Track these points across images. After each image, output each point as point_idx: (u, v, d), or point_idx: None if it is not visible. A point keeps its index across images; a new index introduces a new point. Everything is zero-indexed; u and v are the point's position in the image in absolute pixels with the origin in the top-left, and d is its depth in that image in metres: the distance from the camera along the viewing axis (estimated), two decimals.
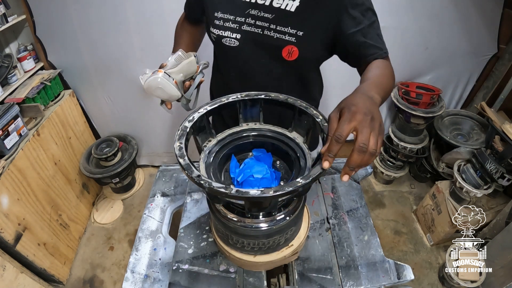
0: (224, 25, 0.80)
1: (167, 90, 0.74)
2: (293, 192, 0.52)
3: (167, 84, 0.74)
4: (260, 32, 0.78)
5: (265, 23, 0.77)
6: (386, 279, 0.84)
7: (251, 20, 0.78)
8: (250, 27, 0.79)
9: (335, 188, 1.09)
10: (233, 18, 0.79)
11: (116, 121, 2.09)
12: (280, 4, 0.76)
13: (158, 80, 0.73)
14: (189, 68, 0.80)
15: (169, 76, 0.74)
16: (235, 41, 0.81)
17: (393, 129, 1.99)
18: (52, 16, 1.61)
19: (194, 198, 1.05)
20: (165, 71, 0.75)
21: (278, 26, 0.77)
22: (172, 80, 0.75)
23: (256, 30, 0.79)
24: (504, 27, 1.73)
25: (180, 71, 0.78)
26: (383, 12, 1.63)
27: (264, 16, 0.77)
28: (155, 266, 0.91)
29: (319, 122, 0.67)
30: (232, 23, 0.79)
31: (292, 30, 0.76)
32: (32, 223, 1.51)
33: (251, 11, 0.77)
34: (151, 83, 0.74)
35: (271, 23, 0.77)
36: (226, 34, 0.81)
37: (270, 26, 0.77)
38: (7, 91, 1.56)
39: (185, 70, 0.79)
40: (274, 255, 0.76)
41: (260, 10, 0.77)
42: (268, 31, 0.78)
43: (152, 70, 0.78)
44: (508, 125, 1.45)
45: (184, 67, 0.78)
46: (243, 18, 0.78)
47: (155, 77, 0.73)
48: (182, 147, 0.62)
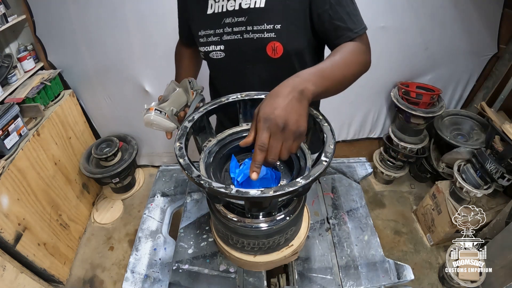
0: (208, 41, 0.82)
1: (161, 124, 0.78)
2: (293, 192, 0.52)
3: (160, 120, 0.77)
4: (240, 38, 0.78)
5: (241, 27, 0.77)
6: (386, 279, 0.84)
7: (228, 28, 0.79)
8: (229, 35, 0.79)
9: (335, 188, 1.09)
10: (213, 31, 0.81)
11: (116, 121, 2.09)
12: (248, 4, 0.75)
13: (151, 118, 0.77)
14: (179, 99, 0.82)
15: (160, 112, 0.77)
16: (220, 53, 0.82)
17: (393, 129, 1.99)
18: (52, 16, 1.62)
19: (194, 198, 1.05)
20: (156, 107, 0.78)
21: (254, 26, 0.76)
22: (164, 114, 0.78)
23: (236, 37, 0.79)
24: (504, 27, 1.73)
25: (171, 104, 0.80)
26: (383, 12, 1.65)
27: (238, 20, 0.77)
28: (155, 266, 0.91)
29: (319, 122, 0.66)
30: (213, 37, 0.81)
31: (268, 25, 0.75)
32: (32, 223, 1.51)
33: (225, 20, 0.78)
34: (146, 120, 0.78)
35: (247, 25, 0.77)
36: (211, 49, 0.83)
37: (247, 29, 0.77)
38: (7, 91, 1.56)
39: (176, 101, 0.81)
40: (274, 255, 0.76)
41: (233, 16, 0.77)
42: (246, 34, 0.78)
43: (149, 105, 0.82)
44: (508, 125, 1.46)
45: (173, 99, 0.81)
46: (221, 29, 0.79)
47: (148, 115, 0.77)
48: (182, 147, 0.62)
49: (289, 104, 0.52)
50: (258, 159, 0.52)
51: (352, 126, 2.13)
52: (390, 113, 2.11)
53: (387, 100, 2.02)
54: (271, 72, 0.83)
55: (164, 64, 1.74)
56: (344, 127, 2.13)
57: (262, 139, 0.51)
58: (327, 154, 0.58)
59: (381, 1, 1.57)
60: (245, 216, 0.68)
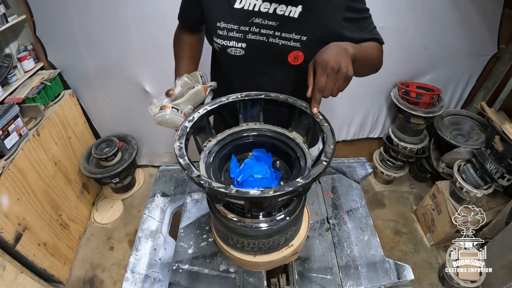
0: (228, 35, 0.79)
1: (177, 123, 0.74)
2: (293, 192, 0.52)
3: (176, 119, 0.74)
4: (265, 40, 0.78)
5: (270, 30, 0.77)
6: (386, 279, 0.84)
7: (256, 28, 0.78)
8: (255, 35, 0.78)
9: (335, 188, 1.09)
10: (237, 27, 0.78)
11: (116, 121, 2.09)
12: (283, 11, 0.76)
13: (167, 117, 0.73)
14: (196, 97, 0.79)
15: (177, 111, 0.74)
16: (240, 50, 0.81)
17: (393, 129, 1.99)
18: (52, 16, 1.61)
19: (194, 198, 1.05)
20: (172, 104, 0.74)
21: (283, 33, 0.77)
22: (181, 113, 0.75)
23: (261, 38, 0.78)
24: (504, 27, 1.73)
25: (188, 101, 0.77)
26: (383, 12, 1.64)
27: (269, 24, 0.77)
28: (155, 266, 0.91)
29: (319, 122, 0.67)
30: (236, 33, 0.79)
31: (296, 35, 0.76)
32: (32, 223, 1.51)
33: (255, 19, 0.77)
34: (160, 119, 0.74)
35: (275, 31, 0.77)
36: (231, 44, 0.80)
37: (275, 34, 0.77)
38: (7, 91, 1.56)
39: (193, 99, 0.78)
40: (274, 255, 0.76)
41: (264, 18, 0.77)
42: (273, 38, 0.78)
43: (159, 99, 0.77)
44: (508, 125, 1.45)
45: (191, 96, 0.78)
46: (247, 27, 0.78)
47: (164, 114, 0.73)
48: (182, 147, 0.62)
49: (339, 54, 0.64)
50: (317, 98, 0.66)
51: (352, 126, 2.13)
52: (390, 113, 2.11)
53: (387, 100, 2.02)
54: (286, 76, 0.86)
55: (164, 64, 1.74)
56: (344, 127, 2.13)
57: (320, 82, 0.64)
58: (327, 154, 0.58)
59: (381, 1, 1.57)
60: (245, 216, 0.68)
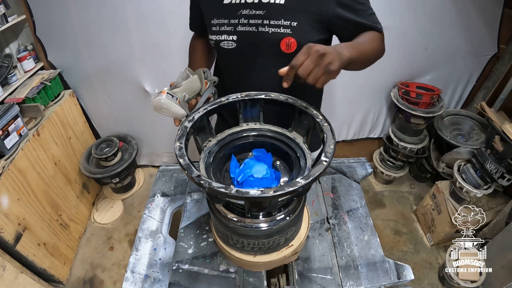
0: (220, 30, 0.83)
1: (171, 109, 0.77)
2: (293, 192, 0.52)
3: (171, 104, 0.76)
4: (255, 30, 0.79)
5: (258, 20, 0.78)
6: (386, 279, 0.84)
7: (244, 20, 0.79)
8: (244, 27, 0.80)
9: (335, 188, 1.09)
10: (227, 21, 0.81)
11: (116, 121, 2.09)
12: None
13: (161, 101, 0.75)
14: (192, 86, 0.81)
15: (172, 96, 0.76)
16: (232, 43, 0.83)
17: (393, 129, 1.99)
18: (52, 16, 1.61)
19: (194, 198, 1.05)
20: (168, 91, 0.77)
21: (271, 20, 0.77)
22: (176, 99, 0.77)
23: (251, 29, 0.80)
24: (504, 27, 1.73)
25: (184, 90, 0.79)
26: (383, 12, 1.63)
27: (256, 13, 0.78)
28: (155, 266, 0.91)
29: (319, 122, 0.67)
30: (227, 26, 0.81)
31: (285, 22, 0.77)
32: (32, 223, 1.51)
33: (242, 11, 0.79)
34: (156, 103, 0.77)
35: (264, 19, 0.78)
36: (223, 38, 0.83)
37: (264, 22, 0.78)
38: (7, 91, 1.56)
39: (189, 88, 0.80)
40: (274, 255, 0.76)
41: (251, 9, 0.78)
42: (262, 27, 0.79)
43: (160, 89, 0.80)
44: (508, 125, 1.45)
45: (187, 85, 0.80)
46: (236, 19, 0.80)
47: (159, 98, 0.76)
48: (182, 147, 0.62)
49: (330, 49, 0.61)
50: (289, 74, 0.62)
51: (352, 126, 2.13)
52: (390, 113, 2.11)
53: (387, 100, 2.02)
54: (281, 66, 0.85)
55: (164, 64, 1.74)
56: (344, 127, 2.13)
57: (298, 59, 0.60)
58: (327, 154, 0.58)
59: (381, 1, 1.56)
60: (245, 216, 0.68)
